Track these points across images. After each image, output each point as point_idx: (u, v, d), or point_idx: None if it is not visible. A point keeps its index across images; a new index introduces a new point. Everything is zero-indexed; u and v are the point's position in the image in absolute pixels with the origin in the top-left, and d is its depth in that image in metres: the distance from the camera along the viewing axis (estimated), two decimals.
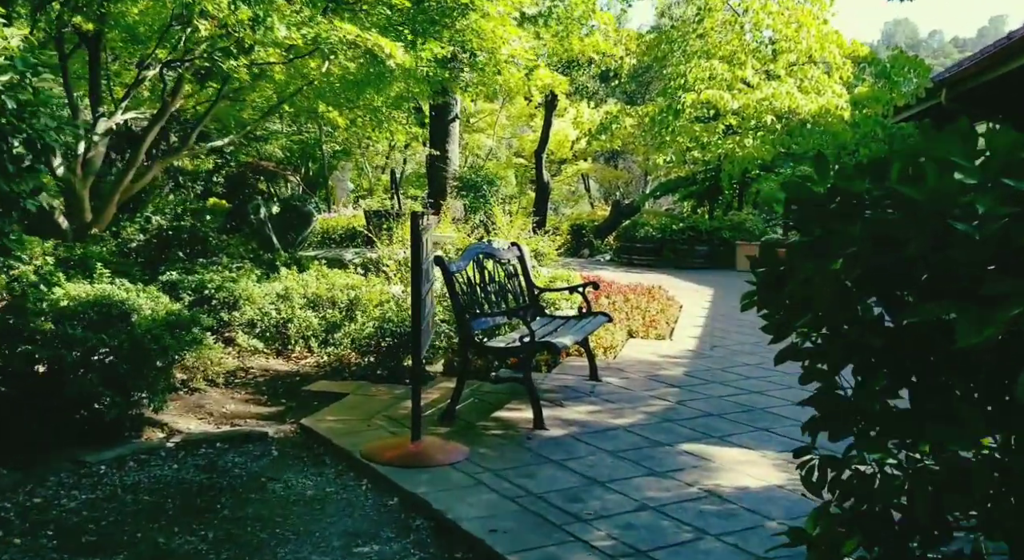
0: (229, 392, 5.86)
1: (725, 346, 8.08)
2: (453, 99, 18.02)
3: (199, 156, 21.68)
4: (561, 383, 6.33)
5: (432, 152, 17.81)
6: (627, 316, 8.83)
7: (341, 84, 10.65)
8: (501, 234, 11.58)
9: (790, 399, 5.94)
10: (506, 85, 10.79)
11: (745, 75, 15.34)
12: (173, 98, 9.59)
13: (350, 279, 7.62)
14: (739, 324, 9.45)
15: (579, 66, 21.16)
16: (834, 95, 15.05)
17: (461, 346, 5.43)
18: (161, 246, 7.92)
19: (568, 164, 27.27)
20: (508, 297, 6.25)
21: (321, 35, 6.49)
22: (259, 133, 22.41)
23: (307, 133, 20.90)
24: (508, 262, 6.44)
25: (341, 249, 10.99)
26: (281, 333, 6.87)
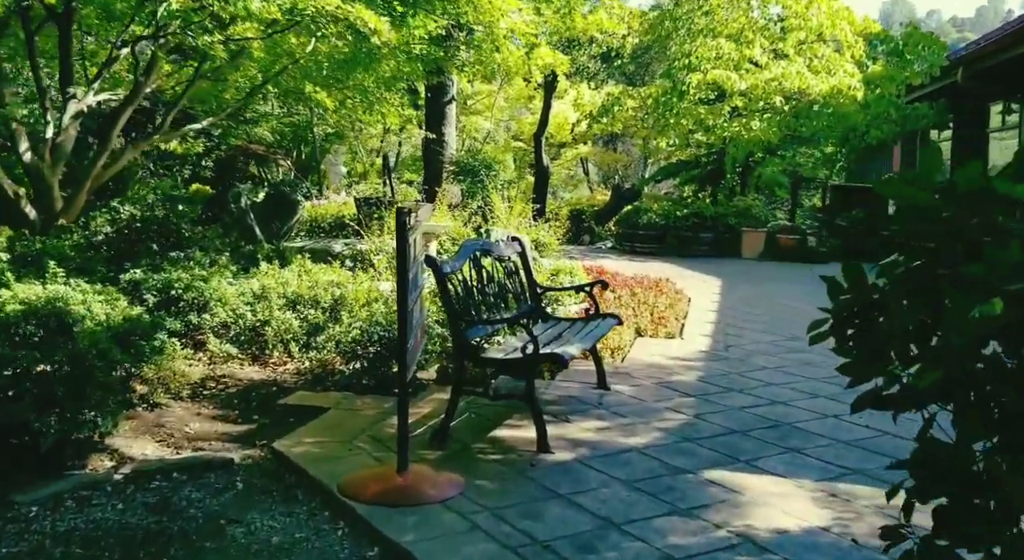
0: (195, 406, 5.26)
1: (740, 346, 7.49)
2: (449, 80, 17.30)
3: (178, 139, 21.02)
4: (566, 392, 5.75)
5: (428, 135, 17.13)
6: (634, 313, 8.23)
7: (329, 63, 9.99)
8: (500, 223, 10.96)
9: (818, 411, 5.36)
10: (505, 64, 10.13)
11: (753, 54, 14.64)
12: (147, 78, 8.94)
13: (335, 275, 7.01)
14: (752, 319, 8.87)
15: (580, 45, 20.43)
16: (846, 74, 14.37)
17: (456, 355, 4.83)
18: (132, 239, 7.30)
19: (568, 148, 26.56)
20: (508, 298, 5.65)
21: (298, 5, 5.84)
22: (248, 115, 21.72)
23: (298, 115, 20.21)
24: (508, 259, 5.84)
25: (330, 239, 10.37)
26: (257, 337, 6.27)
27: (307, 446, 4.53)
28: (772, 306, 9.77)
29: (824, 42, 15.71)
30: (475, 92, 24.25)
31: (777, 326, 8.48)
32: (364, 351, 5.99)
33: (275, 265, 7.43)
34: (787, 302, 10.15)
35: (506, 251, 5.82)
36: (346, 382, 5.78)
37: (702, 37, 15.13)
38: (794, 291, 11.20)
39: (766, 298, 10.44)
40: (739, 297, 10.45)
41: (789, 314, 9.25)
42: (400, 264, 3.57)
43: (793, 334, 8.02)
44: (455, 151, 17.94)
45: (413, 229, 3.85)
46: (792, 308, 9.70)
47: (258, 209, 9.74)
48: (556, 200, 32.15)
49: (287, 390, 5.71)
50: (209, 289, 6.10)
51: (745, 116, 15.35)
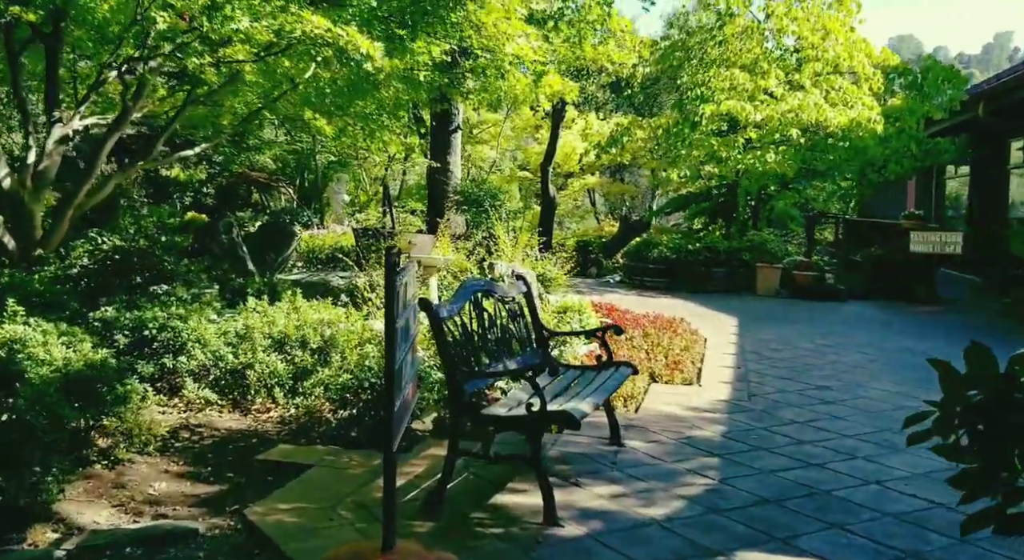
0: (164, 462, 4.72)
1: (764, 395, 6.93)
2: (455, 108, 16.96)
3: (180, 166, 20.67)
4: (575, 448, 5.20)
5: (432, 164, 16.76)
6: (648, 356, 7.70)
7: (331, 89, 9.61)
8: (504, 256, 10.47)
9: (858, 476, 4.80)
10: (511, 92, 9.69)
11: (769, 85, 14.23)
12: (135, 102, 8.53)
13: (326, 313, 6.50)
14: (774, 365, 8.31)
15: (588, 75, 20.10)
16: (864, 107, 13.93)
17: (452, 410, 4.29)
18: (111, 272, 6.81)
19: (575, 178, 26.17)
20: (512, 343, 5.13)
21: (285, 28, 5.40)
22: (251, 142, 21.42)
23: (300, 143, 19.86)
24: (512, 299, 5.33)
25: (327, 271, 9.89)
26: (239, 381, 5.75)
27: (282, 514, 3.98)
28: (794, 350, 9.21)
29: (840, 74, 15.32)
30: (481, 121, 23.93)
31: (802, 373, 7.92)
32: (354, 399, 5.47)
33: (264, 301, 6.93)
34: (808, 345, 9.59)
35: (510, 291, 5.31)
36: (334, 433, 5.24)
37: (715, 67, 14.74)
38: (814, 333, 10.64)
39: (786, 341, 9.88)
40: (758, 339, 9.89)
41: (813, 359, 8.70)
42: (388, 314, 3.06)
43: (820, 383, 7.46)
44: (460, 180, 17.55)
45: (404, 271, 3.34)
46: (815, 352, 9.14)
47: (251, 240, 9.27)
48: (563, 230, 31.68)
49: (268, 442, 5.17)
50: (187, 329, 5.59)
51: (759, 148, 14.90)
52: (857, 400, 6.82)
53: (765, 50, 15.16)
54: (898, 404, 6.68)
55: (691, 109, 14.75)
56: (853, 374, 7.94)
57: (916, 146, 14.47)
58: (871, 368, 8.29)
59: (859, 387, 7.33)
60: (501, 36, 6.77)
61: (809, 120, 13.77)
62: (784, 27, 14.69)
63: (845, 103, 14.30)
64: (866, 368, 8.27)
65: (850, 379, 7.66)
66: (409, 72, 9.06)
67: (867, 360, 8.74)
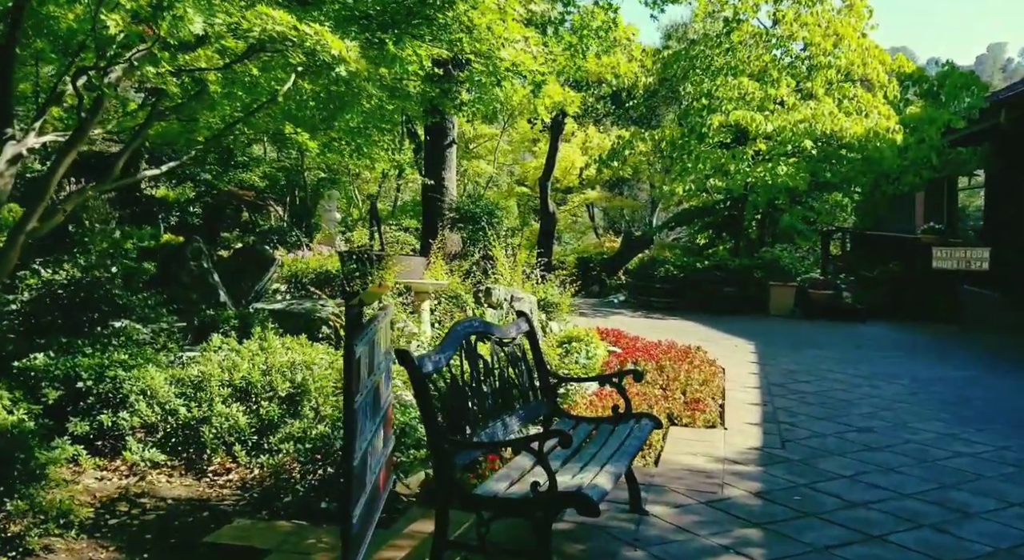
0: (91, 547, 3.88)
1: (799, 440, 6.09)
2: (449, 122, 16.21)
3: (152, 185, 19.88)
4: (587, 519, 4.35)
5: (426, 181, 16.01)
6: (664, 392, 6.87)
7: (315, 102, 8.83)
8: (502, 279, 9.66)
9: (932, 555, 3.96)
10: (508, 103, 8.93)
11: (781, 93, 13.47)
12: (93, 117, 7.74)
13: (299, 353, 5.67)
14: (804, 400, 7.48)
15: (588, 86, 19.37)
16: (881, 116, 13.17)
17: (438, 491, 3.45)
18: (60, 307, 5.98)
19: (575, 193, 25.41)
20: (511, 394, 4.31)
21: (242, 25, 4.61)
22: (239, 159, 20.67)
23: (289, 159, 19.11)
24: (511, 341, 4.51)
25: (310, 299, 9.05)
26: (194, 438, 4.92)
27: None
28: (822, 381, 8.39)
29: (853, 82, 14.58)
30: (477, 135, 23.19)
31: (836, 410, 7.10)
32: (329, 453, 4.66)
33: (232, 338, 6.11)
34: (838, 375, 8.78)
35: (509, 331, 4.50)
36: (300, 503, 4.41)
37: (722, 76, 14.00)
38: (841, 359, 9.84)
39: (812, 369, 9.07)
40: (781, 369, 9.07)
41: (845, 393, 7.88)
42: (347, 389, 2.24)
43: (859, 423, 6.64)
44: (455, 196, 16.76)
45: (370, 328, 2.52)
46: (846, 384, 8.32)
47: (225, 266, 8.46)
48: (562, 246, 30.90)
49: (222, 515, 4.33)
50: (130, 378, 4.76)
51: (770, 160, 14.13)
52: (906, 445, 5.99)
53: (774, 58, 14.43)
54: (953, 450, 5.86)
55: (697, 120, 13.99)
56: (894, 411, 7.11)
57: (936, 156, 13.69)
58: (911, 403, 7.47)
59: (904, 428, 6.51)
60: (495, 40, 5.97)
61: (824, 130, 13.01)
62: (794, 33, 13.97)
63: (860, 112, 13.54)
64: (906, 403, 7.45)
65: (892, 418, 6.84)
66: (398, 82, 8.29)
67: (905, 392, 7.92)
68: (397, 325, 7.85)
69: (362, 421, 2.33)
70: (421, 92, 8.58)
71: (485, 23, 6.49)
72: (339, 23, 5.55)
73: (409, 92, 8.45)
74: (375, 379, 2.61)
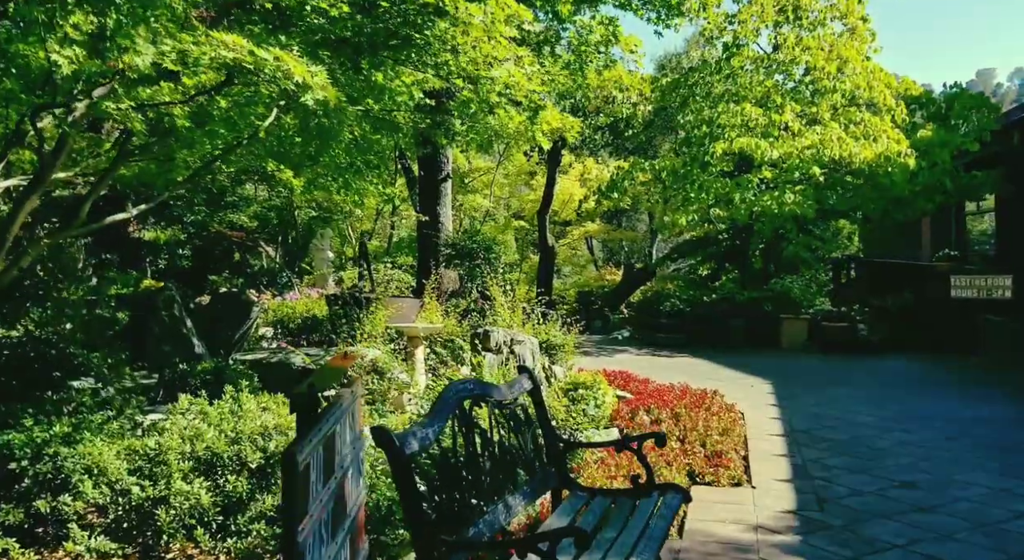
0: None
1: (837, 500, 5.43)
2: (444, 156, 15.76)
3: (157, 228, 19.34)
4: None
5: (420, 217, 15.51)
6: (682, 446, 6.23)
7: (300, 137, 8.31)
8: (501, 321, 9.05)
9: None
10: (504, 131, 8.38)
11: (785, 119, 12.98)
12: (56, 157, 7.19)
13: (273, 417, 5.02)
14: (834, 449, 6.82)
15: (586, 115, 18.93)
16: (891, 140, 12.67)
17: None
18: (10, 370, 5.36)
19: (574, 226, 24.89)
20: (515, 468, 3.68)
21: (191, 53, 4.05)
22: (229, 199, 20.17)
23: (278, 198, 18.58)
24: (513, 402, 3.89)
25: (294, 348, 8.44)
26: (149, 521, 4.25)
27: None
28: (851, 427, 7.74)
29: (858, 106, 14.12)
30: (473, 168, 22.73)
31: (872, 461, 6.44)
32: None
33: (202, 398, 5.47)
34: (866, 418, 8.13)
35: (510, 392, 3.87)
36: None
37: (724, 103, 13.53)
38: (866, 398, 9.20)
39: (837, 412, 8.42)
40: (803, 412, 8.42)
41: (878, 439, 7.22)
42: (287, 518, 1.62)
43: (900, 476, 5.98)
44: (451, 232, 16.23)
45: (330, 418, 1.91)
46: (876, 428, 7.67)
47: (203, 314, 7.84)
48: (561, 279, 30.32)
49: None
50: (75, 455, 4.12)
51: (776, 188, 13.60)
52: (958, 504, 5.33)
53: (776, 83, 13.98)
54: (1013, 509, 5.20)
55: (699, 148, 13.49)
56: (934, 460, 6.45)
57: (950, 181, 13.17)
58: (954, 451, 6.81)
59: (951, 482, 5.85)
60: (483, 59, 5.41)
61: (832, 155, 12.49)
62: (796, 57, 13.53)
63: (868, 136, 13.05)
64: (948, 451, 6.79)
65: (936, 470, 6.17)
66: (386, 113, 7.79)
67: (943, 438, 7.26)
68: (387, 375, 7.22)
69: (315, 551, 1.72)
70: (412, 123, 8.08)
71: (470, 42, 5.96)
72: (310, 48, 5.01)
73: (398, 123, 7.95)
74: (337, 480, 2.00)
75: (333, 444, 1.98)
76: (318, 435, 1.79)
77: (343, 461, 2.09)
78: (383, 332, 8.15)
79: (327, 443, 1.90)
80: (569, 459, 5.48)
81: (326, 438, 1.88)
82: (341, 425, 2.09)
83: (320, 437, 1.80)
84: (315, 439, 1.76)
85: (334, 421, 1.93)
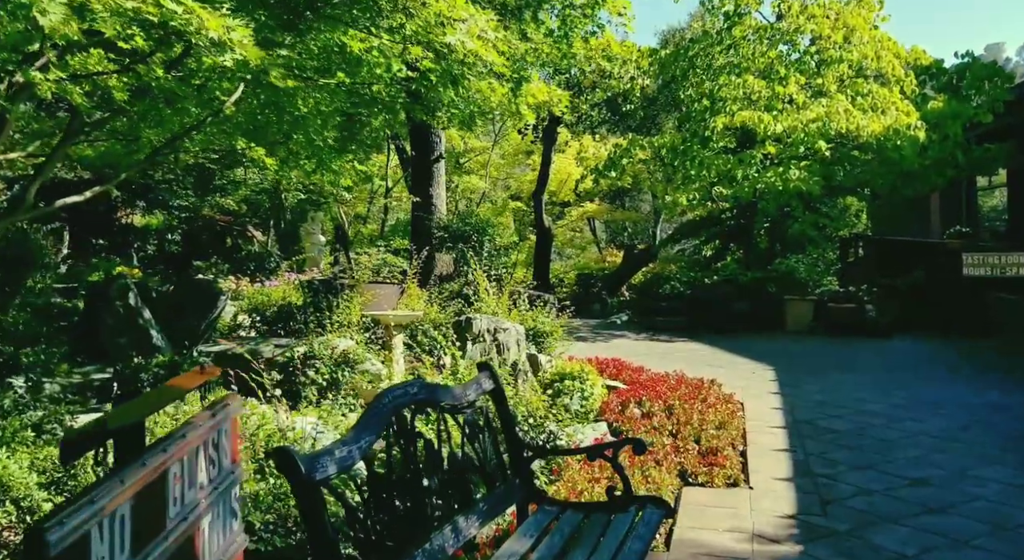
0: None
1: (842, 500, 4.95)
2: (436, 135, 15.26)
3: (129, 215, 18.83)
4: None
5: (414, 199, 15.04)
6: (675, 442, 5.75)
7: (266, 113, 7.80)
8: (486, 307, 8.56)
9: None
10: (487, 105, 7.85)
11: (789, 91, 12.37)
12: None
13: None
14: (838, 443, 6.33)
15: (582, 91, 18.33)
16: (900, 112, 12.06)
17: None
18: None
19: (573, 206, 24.30)
20: (469, 483, 3.20)
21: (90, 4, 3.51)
22: (218, 183, 19.68)
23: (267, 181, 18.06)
24: (470, 406, 3.40)
25: (267, 337, 7.97)
26: None
27: None
28: (857, 415, 7.25)
29: (865, 77, 13.49)
30: (468, 149, 22.15)
31: (879, 455, 5.95)
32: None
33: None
34: (873, 406, 7.63)
35: (466, 394, 3.38)
36: None
37: (725, 74, 12.93)
38: (872, 384, 8.71)
39: (842, 399, 7.93)
40: (807, 400, 7.93)
41: (886, 430, 6.73)
42: None
43: (910, 472, 5.49)
44: (444, 214, 15.72)
45: (151, 456, 1.42)
46: (884, 417, 7.17)
47: (163, 304, 7.37)
48: (563, 261, 29.78)
49: None
50: None
51: (780, 164, 13.02)
52: (975, 504, 4.84)
53: (780, 53, 13.35)
54: None
55: (700, 123, 12.91)
56: (948, 453, 5.96)
57: (962, 154, 12.56)
58: (966, 441, 6.31)
59: (966, 478, 5.36)
60: (435, 22, 4.84)
61: (839, 129, 11.89)
62: (801, 26, 12.90)
63: (876, 109, 12.44)
64: (961, 441, 6.30)
65: (949, 463, 5.68)
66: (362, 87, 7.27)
67: (956, 427, 6.77)
68: (359, 367, 6.75)
69: None
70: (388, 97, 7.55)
71: None
72: (243, 6, 4.46)
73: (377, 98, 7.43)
74: (177, 538, 1.52)
75: (163, 491, 1.50)
76: (106, 494, 1.30)
77: (188, 510, 1.61)
78: (358, 321, 7.68)
79: (146, 493, 1.42)
80: (547, 461, 5.02)
81: (146, 487, 1.40)
82: (186, 461, 1.61)
83: (111, 495, 1.32)
84: (103, 500, 1.28)
85: (157, 461, 1.45)
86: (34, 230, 10.03)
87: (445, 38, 4.42)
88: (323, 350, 6.67)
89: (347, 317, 7.80)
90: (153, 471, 1.41)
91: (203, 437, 1.76)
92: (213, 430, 1.83)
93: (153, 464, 1.42)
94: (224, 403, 1.94)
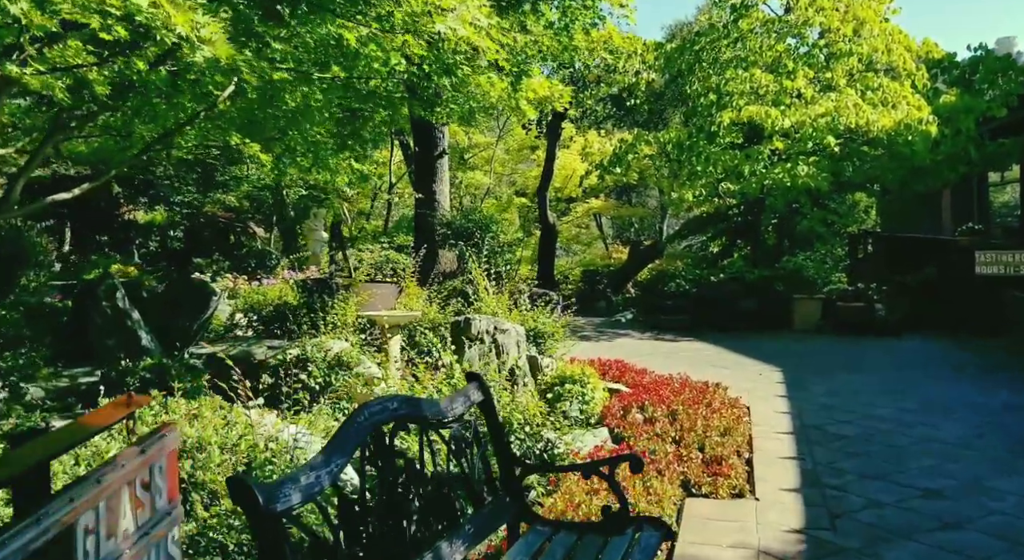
0: None
1: (852, 514, 4.73)
2: (439, 131, 15.09)
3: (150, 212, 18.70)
4: None
5: (417, 195, 14.89)
6: (678, 449, 5.54)
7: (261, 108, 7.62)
8: (486, 307, 8.36)
9: None
10: (486, 100, 7.68)
11: (798, 85, 12.11)
12: None
13: (202, 426, 4.37)
14: (847, 449, 6.11)
15: (586, 86, 18.08)
16: (911, 106, 11.79)
17: None
18: None
19: (578, 202, 24.06)
20: (454, 504, 3.00)
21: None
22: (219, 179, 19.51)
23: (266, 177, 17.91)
24: (457, 420, 3.20)
25: (261, 338, 7.79)
26: None
27: None
28: (867, 420, 7.03)
29: (875, 71, 13.21)
30: (472, 144, 21.93)
31: (891, 463, 5.73)
32: None
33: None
34: (883, 410, 7.41)
35: (452, 407, 3.18)
36: None
37: (732, 69, 12.67)
38: (882, 386, 8.48)
39: (851, 403, 7.71)
40: (815, 403, 7.71)
41: (897, 436, 6.50)
42: None
43: (924, 482, 5.26)
44: (448, 210, 15.54)
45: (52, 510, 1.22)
46: (895, 423, 6.95)
47: (155, 303, 7.20)
48: (569, 257, 29.55)
49: None
50: None
51: (788, 160, 12.77)
52: (992, 518, 4.62)
53: (788, 47, 13.08)
54: None
55: (706, 118, 12.66)
56: (962, 461, 5.74)
57: (975, 149, 12.28)
58: (981, 448, 6.09)
59: (982, 489, 5.14)
60: (422, 10, 4.62)
61: (848, 124, 11.63)
62: (810, 19, 12.63)
63: (886, 103, 12.16)
64: (975, 449, 6.07)
65: (963, 474, 5.46)
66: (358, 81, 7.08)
67: (971, 433, 6.54)
68: (355, 370, 6.56)
69: None
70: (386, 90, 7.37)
71: None
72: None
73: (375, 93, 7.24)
74: None
75: (69, 549, 1.31)
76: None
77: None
78: (354, 322, 7.50)
79: (42, 554, 1.23)
80: (542, 477, 4.82)
81: (45, 545, 1.21)
82: (103, 509, 1.42)
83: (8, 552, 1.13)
84: None
85: (60, 515, 1.26)
86: (28, 227, 9.88)
87: (434, 27, 4.20)
88: (316, 353, 6.48)
89: (342, 318, 7.61)
90: (57, 525, 1.22)
91: (128, 477, 1.57)
92: (143, 467, 1.64)
93: (55, 517, 1.23)
94: (159, 434, 1.76)
